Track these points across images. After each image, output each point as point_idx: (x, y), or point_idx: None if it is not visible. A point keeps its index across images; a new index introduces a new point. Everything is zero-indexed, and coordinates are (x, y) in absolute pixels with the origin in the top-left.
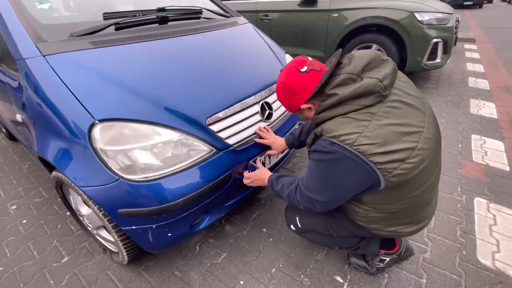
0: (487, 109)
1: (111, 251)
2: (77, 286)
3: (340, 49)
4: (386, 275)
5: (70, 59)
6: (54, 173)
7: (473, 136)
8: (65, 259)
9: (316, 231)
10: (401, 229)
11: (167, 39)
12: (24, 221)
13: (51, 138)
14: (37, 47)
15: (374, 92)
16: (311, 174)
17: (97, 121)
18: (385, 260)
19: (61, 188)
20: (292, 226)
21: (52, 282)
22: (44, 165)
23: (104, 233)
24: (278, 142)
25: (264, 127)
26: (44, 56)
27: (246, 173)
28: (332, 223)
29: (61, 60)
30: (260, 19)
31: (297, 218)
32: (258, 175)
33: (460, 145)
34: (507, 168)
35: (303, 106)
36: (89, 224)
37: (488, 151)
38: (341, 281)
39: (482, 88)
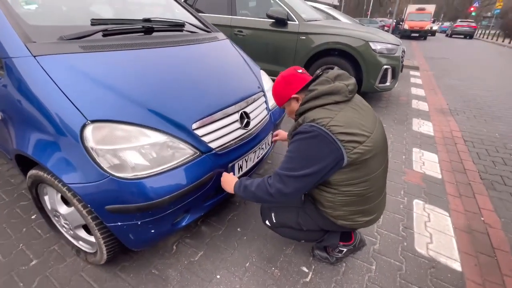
0: (426, 127)
1: (85, 252)
2: (50, 287)
3: (324, 67)
4: (344, 264)
5: (61, 61)
6: (32, 171)
7: (414, 149)
8: (33, 262)
9: (289, 226)
10: (358, 218)
11: (153, 48)
12: None
13: (37, 136)
14: (27, 47)
15: (342, 92)
16: (290, 156)
17: (89, 122)
18: (343, 250)
19: (35, 188)
20: (267, 222)
21: (22, 284)
22: (19, 165)
23: (82, 233)
24: (282, 133)
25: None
26: (34, 56)
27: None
28: (303, 218)
29: (52, 62)
30: (235, 34)
31: (273, 214)
32: (224, 183)
33: (404, 156)
34: (440, 176)
35: (294, 95)
36: (65, 225)
37: (425, 162)
38: (307, 271)
39: (423, 109)
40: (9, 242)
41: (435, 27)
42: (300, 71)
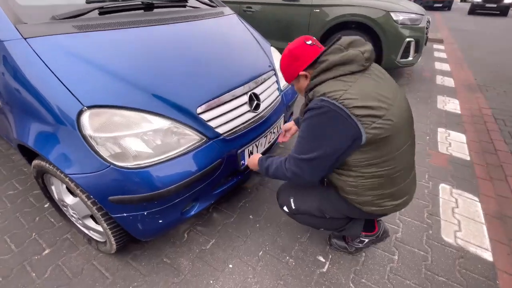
0: (452, 105)
1: (96, 241)
2: (62, 277)
3: (340, 35)
4: (363, 253)
5: (54, 43)
6: (35, 161)
7: (439, 129)
8: (46, 251)
9: (310, 213)
10: (386, 203)
11: (154, 26)
12: None
13: (35, 125)
14: (17, 29)
15: (357, 60)
16: (301, 136)
17: (85, 108)
18: (365, 241)
19: (41, 178)
20: (285, 208)
21: (34, 274)
22: (23, 154)
23: (90, 222)
24: (293, 127)
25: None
26: (25, 38)
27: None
28: (325, 205)
29: (44, 44)
30: (243, 11)
31: (292, 200)
32: (250, 162)
33: (428, 137)
34: (468, 158)
35: (301, 73)
36: (73, 214)
37: (452, 142)
38: (323, 260)
39: (448, 85)
40: (22, 232)
41: None
42: (309, 42)
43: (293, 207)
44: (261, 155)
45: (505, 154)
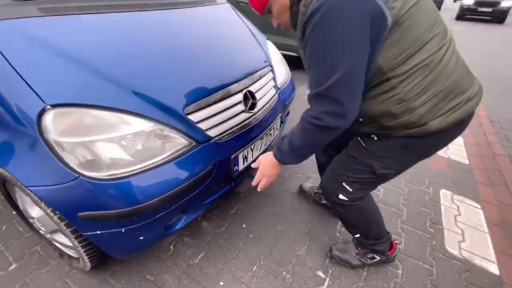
0: None
1: (69, 256)
2: None
3: None
4: (366, 268)
5: (13, 28)
6: None
7: None
8: (12, 267)
9: (368, 185)
10: (451, 103)
11: (136, 12)
12: None
13: None
14: None
15: None
16: (313, 60)
17: (48, 107)
18: (376, 259)
19: (4, 185)
20: (341, 196)
21: None
22: None
23: (60, 237)
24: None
25: None
26: None
27: (255, 180)
28: (380, 165)
29: (1, 29)
30: (237, 2)
31: (344, 183)
32: (264, 164)
33: None
34: (467, 162)
35: None
36: (41, 228)
37: (450, 145)
38: (323, 276)
39: None
40: None
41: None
42: None
43: (350, 190)
44: (267, 155)
45: (503, 158)
